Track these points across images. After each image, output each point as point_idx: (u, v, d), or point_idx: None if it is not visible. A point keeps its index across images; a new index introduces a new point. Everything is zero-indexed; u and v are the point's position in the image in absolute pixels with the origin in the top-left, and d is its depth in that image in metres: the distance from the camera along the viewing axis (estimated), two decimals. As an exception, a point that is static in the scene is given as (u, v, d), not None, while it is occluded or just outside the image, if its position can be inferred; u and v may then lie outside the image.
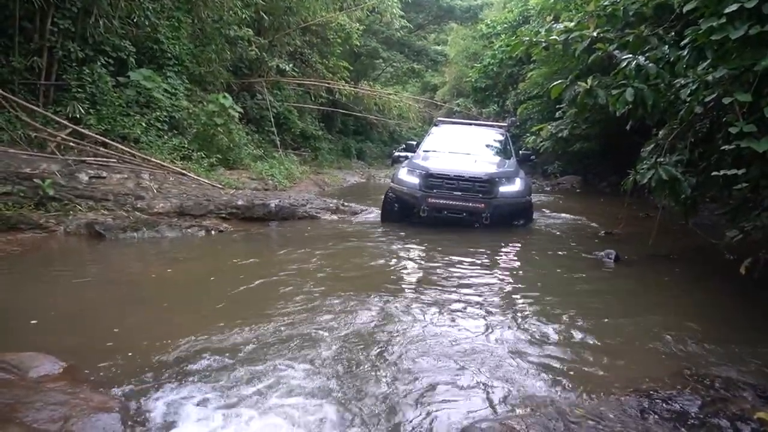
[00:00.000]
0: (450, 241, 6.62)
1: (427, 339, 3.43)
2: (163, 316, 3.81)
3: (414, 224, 7.66)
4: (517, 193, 7.76)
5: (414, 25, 24.42)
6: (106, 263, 5.46)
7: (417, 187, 7.58)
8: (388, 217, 8.12)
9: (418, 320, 3.77)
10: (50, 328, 3.46)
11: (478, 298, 4.36)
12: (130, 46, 9.74)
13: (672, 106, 5.12)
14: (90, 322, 3.62)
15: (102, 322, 3.61)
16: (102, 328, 3.45)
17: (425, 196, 7.47)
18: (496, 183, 7.49)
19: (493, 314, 3.98)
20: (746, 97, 3.46)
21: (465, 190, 7.43)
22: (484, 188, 7.43)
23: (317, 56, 17.19)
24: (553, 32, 6.43)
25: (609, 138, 12.48)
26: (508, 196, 7.61)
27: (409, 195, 7.72)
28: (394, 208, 8.05)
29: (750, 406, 2.49)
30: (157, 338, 3.25)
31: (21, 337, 3.29)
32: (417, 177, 7.68)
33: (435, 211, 7.46)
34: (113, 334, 3.35)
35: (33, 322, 3.51)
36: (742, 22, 3.37)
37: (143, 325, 3.58)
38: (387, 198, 8.14)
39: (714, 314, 4.24)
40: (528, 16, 18.01)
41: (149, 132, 9.50)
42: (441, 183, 7.49)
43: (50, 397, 2.36)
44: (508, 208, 7.62)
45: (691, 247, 6.50)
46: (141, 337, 3.31)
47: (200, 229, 6.82)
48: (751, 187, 4.13)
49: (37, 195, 6.45)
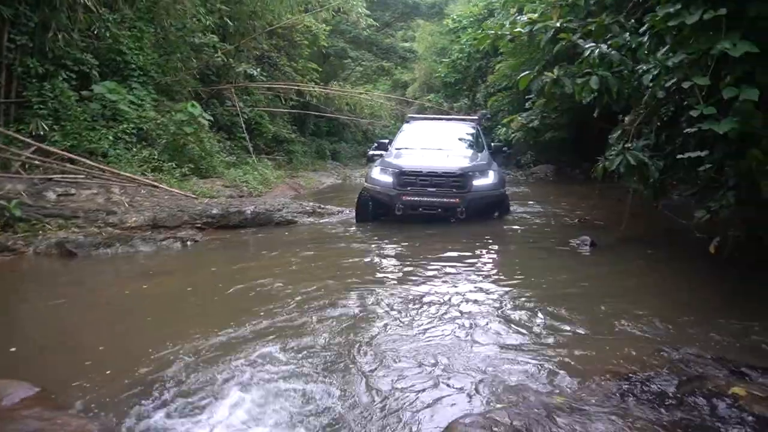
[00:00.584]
0: (428, 237, 6.66)
1: (406, 335, 3.44)
2: (141, 335, 3.73)
3: (390, 222, 7.65)
4: (491, 186, 7.80)
5: (381, 24, 24.40)
6: (79, 282, 5.34)
7: (391, 186, 7.58)
8: (363, 217, 8.08)
9: (396, 317, 3.78)
10: (23, 353, 3.37)
11: (455, 292, 4.38)
12: (92, 59, 9.55)
13: (636, 92, 5.22)
14: (65, 345, 3.54)
15: (77, 344, 3.53)
16: (77, 351, 3.38)
17: (399, 194, 7.48)
18: (469, 177, 7.51)
19: (470, 307, 4.01)
20: (705, 81, 3.54)
21: (438, 186, 7.45)
22: (458, 183, 7.45)
23: (285, 59, 17.06)
24: (518, 24, 6.49)
25: (579, 126, 12.67)
26: (483, 190, 7.64)
27: (383, 194, 7.72)
28: (369, 207, 8.02)
29: (724, 383, 2.55)
30: (135, 358, 3.19)
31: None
32: (390, 175, 7.66)
33: (410, 208, 7.47)
34: (89, 355, 3.27)
35: (11, 349, 3.41)
36: (697, 7, 3.44)
37: (120, 345, 3.51)
38: (361, 198, 8.12)
39: (686, 294, 4.34)
40: (492, 10, 18.14)
41: (117, 145, 9.33)
42: (414, 180, 7.50)
43: (25, 425, 2.30)
44: (482, 201, 7.67)
45: (662, 229, 6.65)
46: (119, 357, 3.25)
47: (175, 241, 6.71)
48: (715, 168, 4.23)
49: (3, 216, 6.27)
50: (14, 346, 3.46)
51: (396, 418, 2.50)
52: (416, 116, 11.48)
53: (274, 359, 3.11)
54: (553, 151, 15.99)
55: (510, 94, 15.93)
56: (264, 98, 16.32)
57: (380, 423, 2.46)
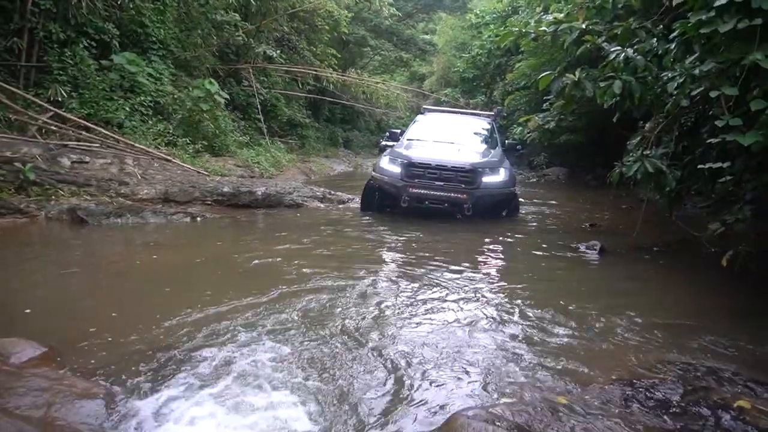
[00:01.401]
0: (434, 232, 6.63)
1: (410, 329, 3.43)
2: (148, 303, 3.77)
3: (397, 214, 7.59)
4: (501, 184, 7.60)
5: (403, 14, 24.27)
6: (88, 249, 5.38)
7: (398, 177, 7.41)
8: (368, 207, 7.99)
9: (401, 311, 3.77)
10: (32, 314, 3.41)
11: (461, 289, 4.37)
12: (114, 29, 9.56)
13: (659, 98, 5.15)
14: (74, 309, 3.57)
15: (86, 308, 3.56)
16: (86, 314, 3.41)
17: (406, 185, 7.30)
18: (479, 173, 7.33)
19: (476, 305, 3.99)
20: (733, 91, 3.49)
21: (447, 180, 7.26)
22: (467, 178, 7.27)
23: (305, 43, 17.01)
24: (543, 23, 6.42)
25: (595, 130, 12.56)
26: (492, 187, 7.46)
27: (390, 184, 7.55)
28: (375, 197, 7.91)
29: (730, 395, 2.53)
30: (142, 325, 3.22)
31: (2, 323, 3.24)
32: (398, 166, 7.49)
33: (416, 201, 7.31)
34: (97, 320, 3.31)
35: (26, 310, 3.45)
36: (731, 16, 3.39)
37: (128, 312, 3.54)
38: (368, 187, 7.99)
39: (695, 305, 4.31)
40: (517, 7, 17.96)
41: (133, 117, 9.36)
42: (423, 172, 7.32)
43: (33, 383, 2.32)
44: (490, 198, 7.48)
45: (673, 240, 6.58)
46: (126, 323, 3.28)
47: (185, 216, 6.75)
48: (734, 181, 4.18)
49: (17, 179, 6.32)
50: (21, 306, 3.50)
51: (396, 408, 2.50)
52: (431, 108, 11.34)
53: (274, 332, 3.12)
54: (567, 154, 15.87)
55: (528, 94, 15.81)
56: (281, 80, 16.31)
57: (379, 410, 2.46)
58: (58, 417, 2.16)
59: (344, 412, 2.42)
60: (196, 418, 2.30)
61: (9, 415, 2.08)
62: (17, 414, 2.10)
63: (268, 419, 2.32)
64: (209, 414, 2.34)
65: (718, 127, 3.62)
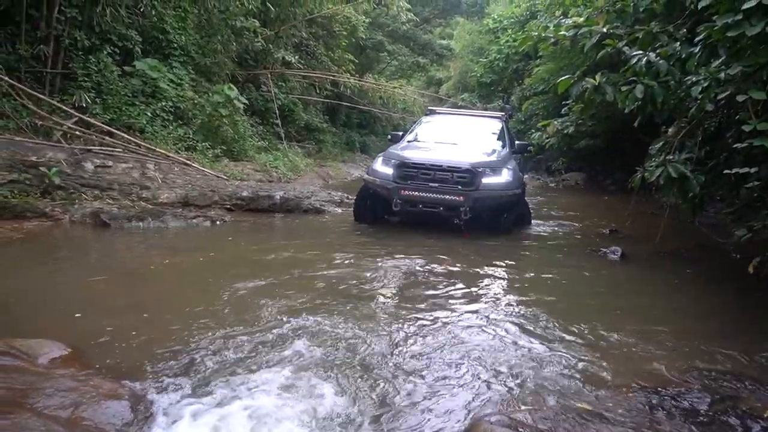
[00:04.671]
0: (452, 237, 6.54)
1: (431, 333, 3.42)
2: (173, 305, 3.80)
3: (400, 223, 7.12)
4: (503, 185, 6.79)
5: (420, 19, 24.32)
6: (111, 252, 5.47)
7: (390, 179, 6.74)
8: (361, 216, 7.32)
9: (422, 316, 3.76)
10: (58, 316, 3.46)
11: (482, 295, 4.35)
12: (137, 36, 9.73)
13: (682, 103, 5.09)
14: (99, 311, 3.61)
15: (111, 310, 3.61)
16: (111, 316, 3.45)
17: (398, 187, 6.60)
18: (478, 174, 6.58)
19: (498, 310, 3.97)
20: (761, 95, 3.44)
21: (442, 182, 6.57)
22: (464, 179, 6.56)
23: (323, 48, 17.12)
24: (562, 27, 6.39)
25: (615, 135, 12.44)
26: (492, 189, 6.66)
27: (381, 187, 6.84)
28: (367, 204, 7.25)
29: (760, 405, 2.48)
30: (167, 326, 3.26)
31: (28, 324, 3.30)
32: (391, 167, 6.81)
33: (409, 204, 6.62)
34: (122, 321, 3.34)
35: (53, 312, 3.51)
36: (759, 18, 3.34)
37: (153, 313, 3.57)
38: (360, 193, 7.34)
39: (721, 312, 4.23)
40: (535, 11, 17.90)
41: (154, 122, 9.51)
42: (416, 173, 6.65)
43: (60, 384, 2.36)
44: (492, 201, 6.66)
45: (696, 246, 6.49)
46: (151, 324, 3.32)
47: (205, 220, 6.82)
48: (762, 186, 4.11)
49: (43, 183, 6.45)
50: (48, 307, 3.56)
51: (420, 412, 2.49)
52: (438, 109, 10.83)
53: (298, 343, 3.13)
54: (586, 159, 15.75)
55: (546, 99, 15.73)
56: (299, 86, 16.42)
57: (403, 414, 2.46)
58: (84, 417, 2.19)
59: (363, 420, 2.42)
60: (223, 419, 2.32)
61: (38, 415, 2.11)
62: (46, 414, 2.14)
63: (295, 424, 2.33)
64: (235, 415, 2.35)
65: (744, 131, 3.56)
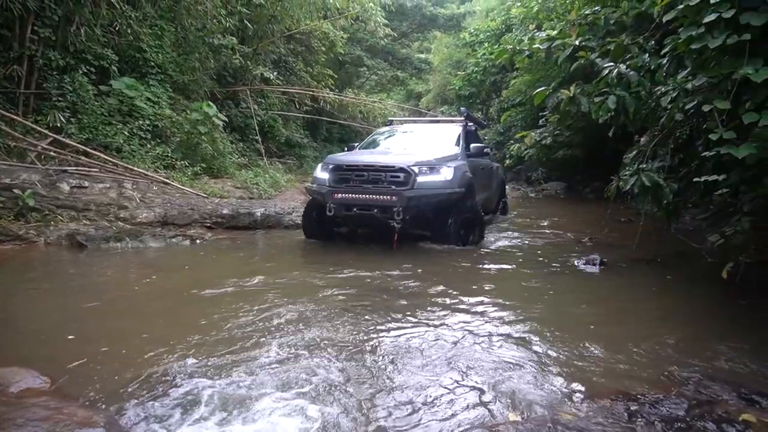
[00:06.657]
0: (430, 252, 6.55)
1: (411, 347, 3.42)
2: (148, 329, 3.74)
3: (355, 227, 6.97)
4: (441, 184, 6.44)
5: (398, 34, 24.54)
6: (87, 274, 5.37)
7: (325, 183, 6.60)
8: (309, 232, 7.07)
9: (401, 329, 3.76)
10: (31, 342, 3.39)
11: (461, 307, 4.36)
12: (113, 55, 9.67)
13: (653, 113, 5.21)
14: (72, 336, 3.55)
15: (85, 335, 3.54)
16: (85, 342, 3.39)
17: (332, 191, 6.43)
18: (412, 172, 6.31)
19: (477, 322, 3.98)
20: (725, 105, 3.53)
21: (375, 182, 6.37)
22: (397, 179, 6.32)
23: (302, 64, 17.19)
24: (536, 40, 6.53)
25: (592, 145, 12.66)
26: (428, 188, 6.35)
27: (318, 193, 6.70)
28: (313, 215, 6.97)
29: (735, 408, 2.52)
30: (142, 351, 3.20)
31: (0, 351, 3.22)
32: (327, 172, 6.68)
33: (343, 208, 6.38)
34: (97, 347, 3.28)
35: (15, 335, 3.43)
36: (720, 31, 3.44)
37: (127, 338, 3.51)
38: (308, 205, 7.10)
39: (697, 318, 4.29)
40: (510, 25, 18.21)
41: (132, 141, 9.41)
42: (350, 176, 6.49)
43: (32, 413, 2.31)
44: (426, 200, 6.34)
45: (673, 252, 6.59)
46: (125, 350, 3.25)
47: (185, 239, 6.76)
48: (731, 193, 4.21)
49: (16, 206, 6.34)
50: (20, 334, 3.48)
51: (400, 428, 2.48)
52: (398, 119, 10.82)
53: (276, 361, 3.10)
54: (565, 169, 15.99)
55: (524, 110, 15.97)
56: (278, 102, 16.43)
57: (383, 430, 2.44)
58: (58, 446, 2.14)
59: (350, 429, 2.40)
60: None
61: (9, 445, 2.06)
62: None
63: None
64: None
65: (712, 140, 3.65)
